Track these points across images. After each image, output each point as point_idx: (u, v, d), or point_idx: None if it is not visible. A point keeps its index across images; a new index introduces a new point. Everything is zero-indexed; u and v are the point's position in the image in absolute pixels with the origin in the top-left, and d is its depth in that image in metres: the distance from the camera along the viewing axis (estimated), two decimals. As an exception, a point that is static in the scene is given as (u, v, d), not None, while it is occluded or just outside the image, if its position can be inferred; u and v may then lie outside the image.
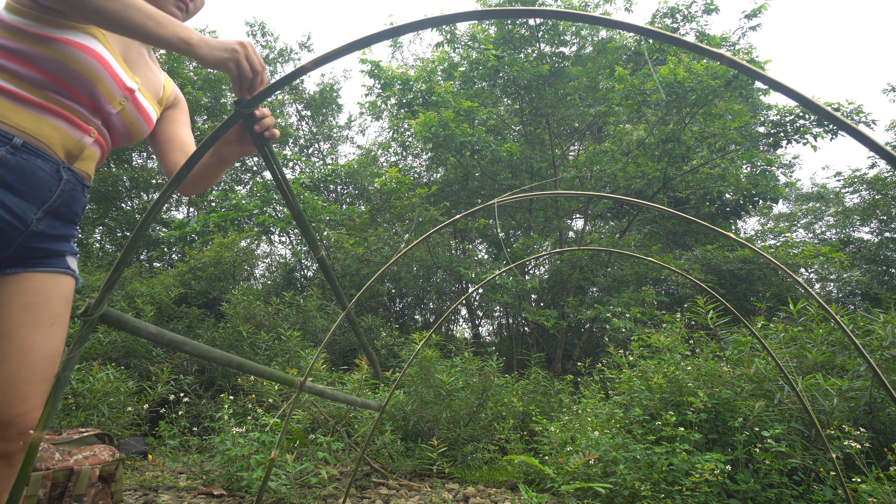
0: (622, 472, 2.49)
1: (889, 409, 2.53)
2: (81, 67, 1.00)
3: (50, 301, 1.02)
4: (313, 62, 0.65)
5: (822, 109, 0.57)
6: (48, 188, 0.98)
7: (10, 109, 0.93)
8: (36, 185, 0.96)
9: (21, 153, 0.93)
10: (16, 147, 0.92)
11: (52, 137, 0.98)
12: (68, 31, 0.99)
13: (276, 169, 0.94)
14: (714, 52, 0.62)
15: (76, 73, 1.00)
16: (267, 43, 10.49)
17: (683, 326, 3.71)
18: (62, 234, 1.05)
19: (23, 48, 0.96)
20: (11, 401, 0.96)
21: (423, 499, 2.80)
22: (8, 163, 0.91)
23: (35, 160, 0.96)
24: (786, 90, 0.61)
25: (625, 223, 7.65)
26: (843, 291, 8.74)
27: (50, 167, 0.98)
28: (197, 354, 0.97)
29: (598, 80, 7.38)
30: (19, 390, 0.97)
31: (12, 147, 0.92)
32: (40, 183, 0.97)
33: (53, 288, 1.03)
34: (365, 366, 3.51)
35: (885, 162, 0.59)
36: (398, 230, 7.18)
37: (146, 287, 5.82)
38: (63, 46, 0.98)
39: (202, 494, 2.72)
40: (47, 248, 1.02)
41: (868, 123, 6.18)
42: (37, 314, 0.99)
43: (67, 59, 0.98)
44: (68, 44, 0.98)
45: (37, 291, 1.00)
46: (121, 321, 0.79)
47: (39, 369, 0.99)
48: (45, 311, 1.01)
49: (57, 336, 1.02)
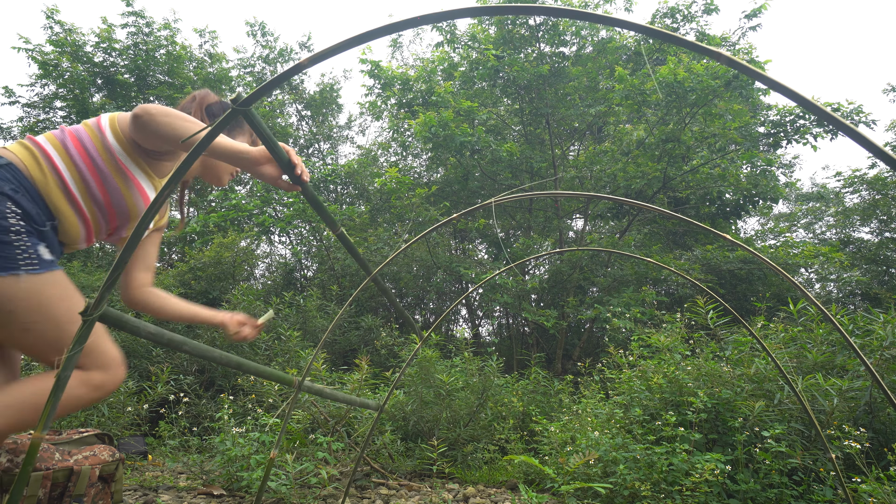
0: (622, 472, 2.49)
1: (889, 409, 2.53)
2: (132, 208, 1.31)
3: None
4: (311, 58, 0.65)
5: (820, 110, 0.57)
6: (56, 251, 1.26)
7: (63, 204, 1.21)
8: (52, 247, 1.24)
9: (52, 233, 1.22)
10: (53, 227, 1.22)
11: (69, 234, 1.26)
12: (141, 176, 1.33)
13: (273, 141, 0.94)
14: (713, 52, 0.62)
15: (125, 210, 1.31)
16: (267, 43, 10.48)
17: (683, 326, 3.71)
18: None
19: (107, 173, 1.26)
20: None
21: (423, 499, 2.80)
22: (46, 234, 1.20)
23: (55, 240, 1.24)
24: (785, 90, 0.61)
25: (625, 223, 7.64)
26: (843, 291, 8.74)
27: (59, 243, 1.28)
28: (196, 354, 0.97)
29: (598, 80, 7.38)
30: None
31: (52, 226, 1.21)
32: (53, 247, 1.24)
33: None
34: (365, 366, 3.50)
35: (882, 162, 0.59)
36: (398, 230, 7.18)
37: (146, 287, 5.81)
38: (132, 187, 1.30)
39: (202, 494, 2.72)
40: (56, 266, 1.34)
41: (868, 123, 6.18)
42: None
43: (128, 198, 1.30)
44: (137, 187, 1.30)
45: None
46: (120, 321, 0.79)
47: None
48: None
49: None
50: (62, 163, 1.20)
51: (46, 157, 1.19)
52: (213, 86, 10.15)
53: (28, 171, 1.17)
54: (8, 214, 1.09)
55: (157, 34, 9.49)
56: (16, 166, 1.15)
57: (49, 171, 1.19)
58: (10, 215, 1.09)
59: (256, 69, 10.75)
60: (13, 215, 1.10)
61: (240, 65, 10.77)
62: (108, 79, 9.27)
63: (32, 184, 1.16)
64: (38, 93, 9.30)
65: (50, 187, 1.18)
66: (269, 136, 0.96)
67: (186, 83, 9.54)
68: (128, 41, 9.33)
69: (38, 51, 8.60)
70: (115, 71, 9.27)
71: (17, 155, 1.18)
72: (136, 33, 9.33)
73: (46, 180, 1.18)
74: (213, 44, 10.50)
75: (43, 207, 1.17)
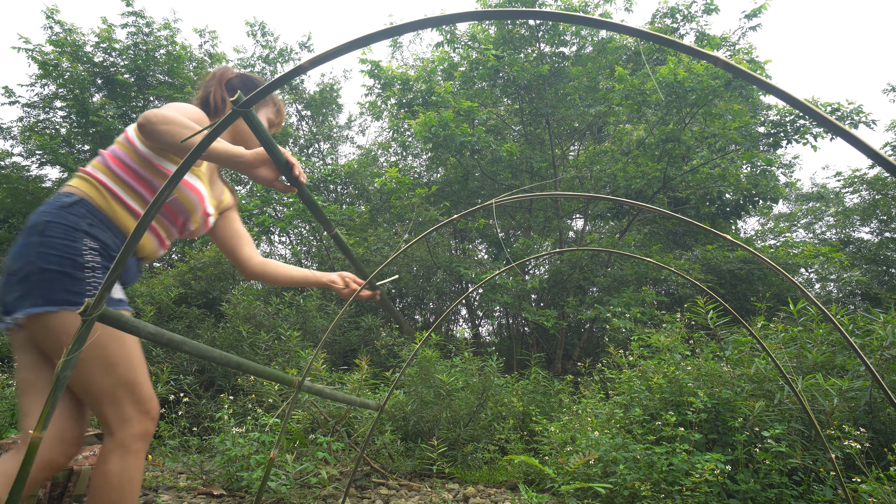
0: (622, 472, 2.49)
1: (889, 409, 2.53)
2: (186, 201, 1.37)
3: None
4: (311, 61, 0.65)
5: (816, 112, 0.57)
6: (133, 276, 1.37)
7: (131, 223, 1.27)
8: (129, 276, 1.35)
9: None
10: None
11: (144, 246, 1.35)
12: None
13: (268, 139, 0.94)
14: (709, 55, 0.62)
15: (182, 206, 1.37)
16: (267, 43, 10.48)
17: (683, 326, 3.71)
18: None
19: (149, 178, 1.31)
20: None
21: (423, 499, 2.80)
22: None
23: (132, 259, 1.34)
24: (780, 93, 0.61)
25: (625, 223, 7.64)
26: (843, 291, 8.74)
27: (135, 263, 1.37)
28: (196, 354, 0.97)
29: (598, 80, 7.38)
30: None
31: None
32: (131, 274, 1.36)
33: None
34: (365, 366, 3.50)
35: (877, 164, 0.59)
36: (398, 230, 7.18)
37: (146, 287, 5.82)
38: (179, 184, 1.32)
39: (202, 494, 2.72)
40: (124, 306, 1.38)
41: (868, 124, 6.17)
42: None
43: (178, 195, 1.35)
44: (182, 182, 1.35)
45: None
46: (120, 321, 0.79)
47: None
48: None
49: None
50: (112, 183, 1.27)
51: (100, 183, 1.27)
52: (213, 86, 10.15)
53: (94, 201, 1.24)
54: (84, 251, 1.18)
55: (157, 34, 9.49)
56: (86, 200, 1.23)
57: (107, 194, 1.26)
58: (86, 251, 1.18)
59: (256, 69, 10.75)
60: (89, 251, 1.19)
61: (240, 65, 10.77)
62: (108, 79, 9.27)
63: (102, 213, 1.24)
64: (38, 93, 9.30)
65: (115, 210, 1.26)
66: (268, 138, 0.96)
67: (186, 83, 9.54)
68: (128, 41, 9.33)
69: (38, 51, 8.59)
70: (115, 71, 9.27)
71: (82, 189, 1.25)
72: (136, 33, 9.33)
73: (109, 204, 1.25)
74: (213, 44, 10.50)
75: (116, 233, 1.25)
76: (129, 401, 1.20)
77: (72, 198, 1.22)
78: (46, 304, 1.13)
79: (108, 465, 1.16)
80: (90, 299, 0.71)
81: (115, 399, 1.19)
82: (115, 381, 1.19)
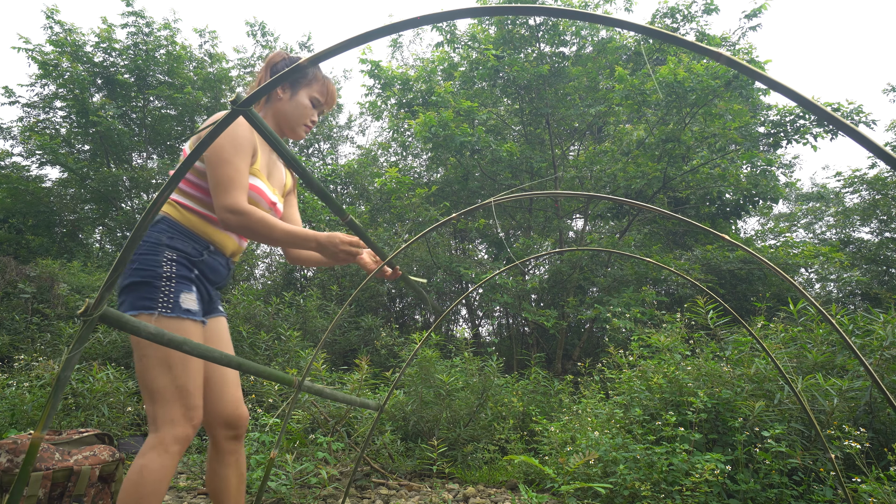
0: (622, 472, 2.49)
1: (889, 409, 2.53)
2: (252, 201, 1.47)
3: (226, 334, 1.63)
4: (310, 59, 0.65)
5: (820, 109, 0.57)
6: (223, 275, 1.55)
7: (208, 228, 1.46)
8: (217, 275, 1.52)
9: (212, 255, 1.48)
10: (210, 251, 1.48)
11: (226, 245, 1.52)
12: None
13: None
14: (713, 52, 0.62)
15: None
16: (267, 43, 10.47)
17: (683, 326, 3.71)
18: (219, 296, 1.66)
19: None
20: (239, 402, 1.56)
21: (423, 499, 2.80)
22: (206, 261, 1.46)
23: (219, 259, 1.51)
24: (785, 90, 0.61)
25: (625, 223, 7.64)
26: (843, 291, 8.74)
27: (224, 262, 1.54)
28: (196, 354, 0.97)
29: (598, 80, 7.37)
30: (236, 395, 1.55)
31: (208, 251, 1.47)
32: (220, 273, 1.53)
33: (223, 324, 1.64)
34: (365, 366, 3.50)
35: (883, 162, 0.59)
36: (398, 230, 7.18)
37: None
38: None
39: (202, 494, 2.72)
40: (215, 305, 1.61)
41: (868, 123, 6.17)
42: (221, 342, 1.60)
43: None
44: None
45: (218, 330, 1.60)
46: (121, 321, 0.79)
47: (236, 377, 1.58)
48: (224, 338, 1.62)
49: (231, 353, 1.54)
50: (183, 198, 1.45)
51: (174, 201, 1.45)
52: (213, 86, 10.15)
53: (172, 216, 1.42)
54: (162, 262, 1.35)
55: (157, 34, 9.48)
56: (167, 217, 1.42)
57: (181, 208, 1.43)
58: (165, 263, 1.36)
59: (256, 69, 10.74)
60: (167, 262, 1.36)
61: (240, 65, 10.77)
62: (108, 79, 9.26)
63: (180, 224, 1.42)
64: (38, 93, 9.30)
65: (189, 220, 1.43)
66: (274, 136, 0.96)
67: (186, 83, 9.54)
68: (128, 41, 9.33)
69: (38, 51, 8.59)
70: (115, 71, 9.26)
71: (164, 210, 1.44)
72: (136, 33, 9.33)
73: (184, 216, 1.43)
74: (212, 44, 10.49)
75: (196, 239, 1.43)
76: (177, 404, 1.31)
77: (157, 218, 1.42)
78: (131, 309, 1.33)
79: (145, 460, 1.26)
80: (90, 300, 0.71)
81: (165, 399, 1.30)
82: (169, 383, 1.31)
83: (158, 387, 1.30)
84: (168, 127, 10.28)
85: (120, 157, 9.85)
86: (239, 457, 1.57)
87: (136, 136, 9.83)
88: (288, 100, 1.57)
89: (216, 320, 1.60)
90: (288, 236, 1.41)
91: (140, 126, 10.00)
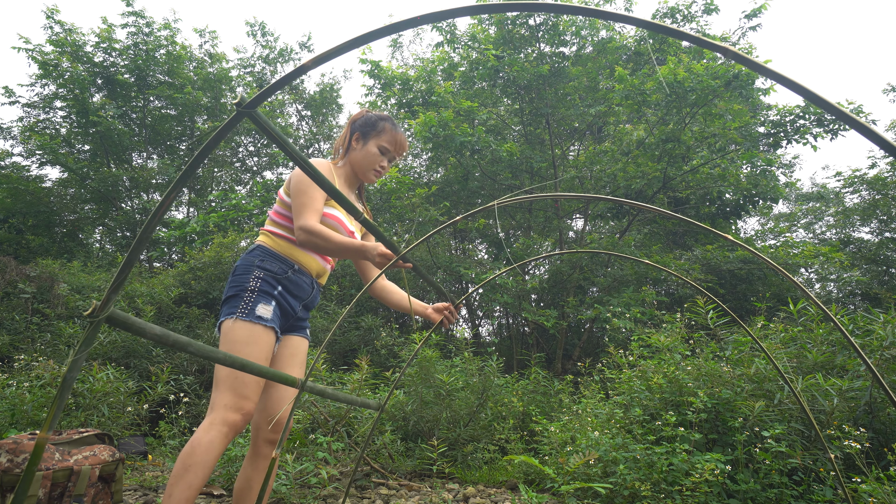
0: (622, 472, 2.49)
1: (889, 409, 2.53)
2: (331, 226, 1.73)
3: (301, 352, 1.82)
4: (314, 60, 0.65)
5: (827, 103, 0.58)
6: (307, 293, 1.77)
7: (293, 250, 1.72)
8: (301, 291, 1.74)
9: (297, 273, 1.71)
10: (295, 270, 1.71)
11: (310, 266, 1.76)
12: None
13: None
14: (719, 46, 0.62)
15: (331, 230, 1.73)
16: (267, 43, 10.47)
17: (683, 326, 3.71)
18: (306, 316, 1.84)
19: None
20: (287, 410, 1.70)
21: (423, 499, 2.81)
22: (290, 278, 1.69)
23: (303, 277, 1.73)
24: (791, 84, 0.61)
25: (625, 223, 7.65)
26: (843, 291, 8.75)
27: (309, 280, 1.76)
28: (200, 355, 0.97)
29: (598, 80, 7.38)
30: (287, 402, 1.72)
31: (293, 270, 1.70)
32: (304, 289, 1.75)
33: (303, 344, 1.83)
34: (365, 366, 3.50)
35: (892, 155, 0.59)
36: (398, 230, 7.18)
37: (146, 287, 5.82)
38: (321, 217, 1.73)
39: (202, 494, 2.72)
40: (300, 324, 1.82)
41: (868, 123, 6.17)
42: (295, 359, 1.79)
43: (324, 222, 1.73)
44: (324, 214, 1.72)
45: (295, 346, 1.80)
46: (127, 323, 0.79)
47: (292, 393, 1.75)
48: (299, 357, 1.81)
49: (301, 373, 1.81)
50: (274, 227, 1.74)
51: (267, 231, 1.74)
52: (213, 86, 10.15)
53: (265, 243, 1.71)
54: (251, 279, 1.62)
55: (157, 34, 9.48)
56: (261, 245, 1.71)
57: (272, 236, 1.72)
58: (252, 280, 1.62)
59: (256, 69, 10.74)
60: (254, 279, 1.62)
61: (240, 65, 10.77)
62: (108, 79, 9.26)
63: (271, 249, 1.69)
64: (38, 93, 9.30)
65: (280, 245, 1.70)
66: (280, 136, 0.96)
67: (186, 83, 9.54)
68: (128, 41, 9.32)
69: (38, 51, 8.59)
70: (115, 71, 9.26)
71: (259, 239, 1.74)
72: (136, 33, 9.33)
73: (275, 242, 1.71)
74: (213, 44, 10.49)
75: (283, 260, 1.68)
76: (233, 393, 1.50)
77: (252, 246, 1.73)
78: (223, 315, 1.61)
79: (198, 434, 1.45)
80: (97, 301, 0.71)
81: (225, 385, 1.51)
82: (229, 373, 1.51)
83: (220, 376, 1.52)
84: (168, 127, 10.28)
85: (120, 157, 9.85)
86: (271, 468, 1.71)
87: (136, 136, 9.82)
88: (360, 149, 1.82)
89: (297, 339, 1.80)
90: (343, 244, 1.60)
91: (140, 126, 10.00)
